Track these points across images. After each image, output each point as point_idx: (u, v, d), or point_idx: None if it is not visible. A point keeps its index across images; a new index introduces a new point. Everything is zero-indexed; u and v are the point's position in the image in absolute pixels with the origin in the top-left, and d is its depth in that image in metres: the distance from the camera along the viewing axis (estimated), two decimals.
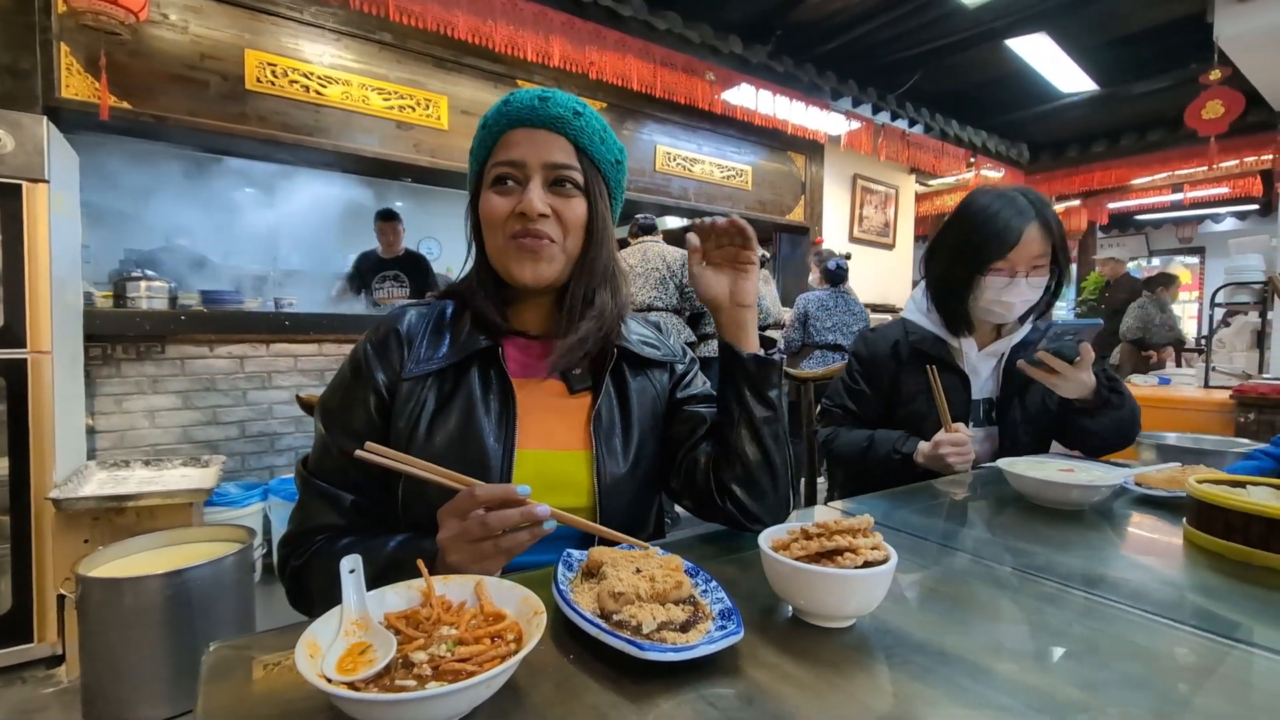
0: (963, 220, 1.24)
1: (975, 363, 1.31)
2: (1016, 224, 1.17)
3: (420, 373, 0.76)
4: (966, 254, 1.22)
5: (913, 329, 1.34)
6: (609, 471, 0.79)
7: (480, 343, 0.77)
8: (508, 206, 0.75)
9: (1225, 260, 3.81)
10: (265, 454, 2.92)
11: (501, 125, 0.76)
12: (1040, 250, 1.19)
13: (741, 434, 0.79)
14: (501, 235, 0.76)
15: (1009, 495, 1.07)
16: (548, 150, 0.75)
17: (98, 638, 1.56)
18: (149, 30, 2.57)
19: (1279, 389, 2.51)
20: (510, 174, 0.75)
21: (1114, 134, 5.89)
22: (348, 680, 0.42)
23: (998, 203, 1.20)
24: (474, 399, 0.76)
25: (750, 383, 0.79)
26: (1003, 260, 1.18)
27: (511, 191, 0.76)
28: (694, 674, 0.49)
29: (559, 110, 0.75)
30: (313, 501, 0.75)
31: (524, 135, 0.75)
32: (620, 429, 0.82)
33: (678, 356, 0.93)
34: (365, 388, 0.76)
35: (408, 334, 0.79)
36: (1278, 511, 0.75)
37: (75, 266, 2.16)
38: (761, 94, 4.16)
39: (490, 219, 0.76)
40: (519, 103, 0.76)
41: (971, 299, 1.24)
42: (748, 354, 0.79)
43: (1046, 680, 0.50)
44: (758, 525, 0.76)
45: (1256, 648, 0.56)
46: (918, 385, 1.30)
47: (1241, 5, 3.32)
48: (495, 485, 0.60)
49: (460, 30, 3.04)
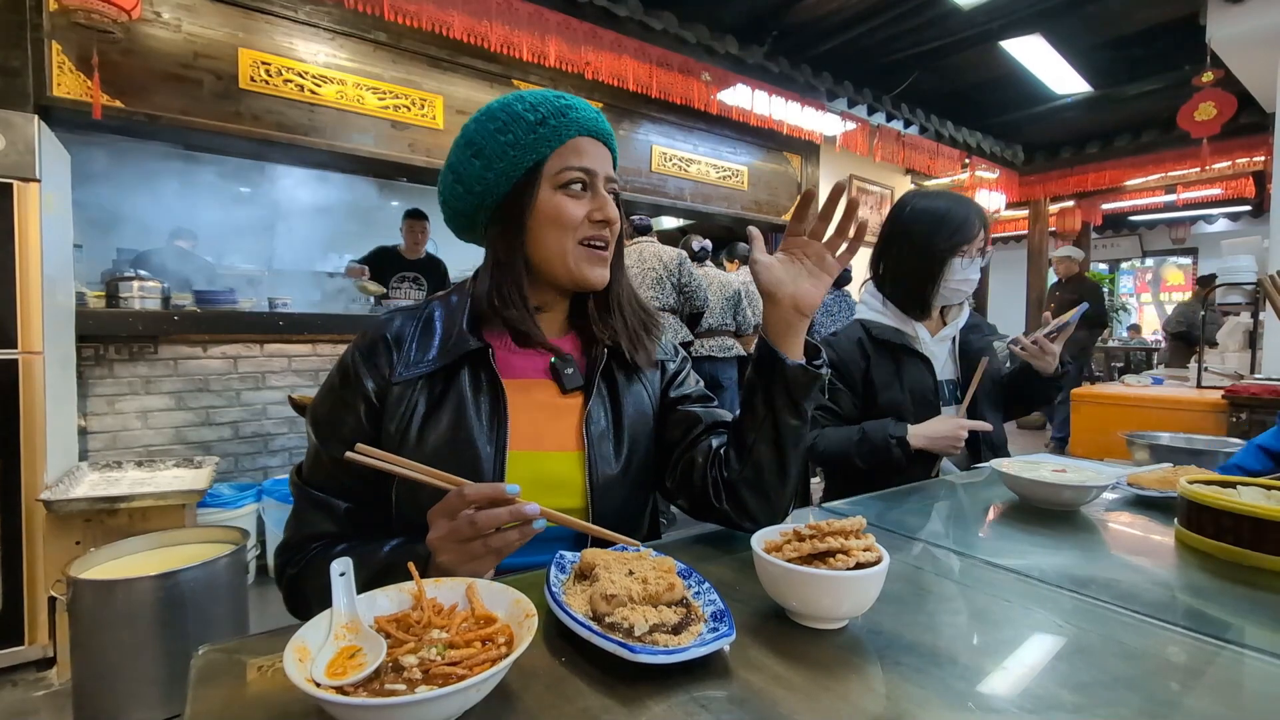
0: (923, 219, 1.40)
1: (932, 348, 1.44)
2: (970, 214, 1.36)
3: (410, 376, 0.76)
4: (936, 244, 1.36)
5: (872, 325, 1.45)
6: (601, 472, 0.79)
7: (470, 344, 0.77)
8: (583, 210, 0.77)
9: (1218, 261, 3.83)
10: (259, 455, 2.91)
11: (571, 130, 0.76)
12: (983, 234, 1.39)
13: (763, 438, 0.77)
14: (572, 239, 0.76)
15: (1001, 496, 1.08)
16: (606, 164, 0.80)
17: (89, 640, 1.55)
18: (142, 28, 2.56)
19: (1271, 389, 2.52)
20: (583, 180, 0.77)
21: (1108, 135, 5.92)
22: (337, 684, 0.41)
23: (945, 201, 1.40)
24: (465, 401, 0.76)
25: (787, 391, 0.75)
26: (968, 243, 1.36)
27: (581, 197, 0.77)
28: (686, 676, 0.49)
29: (609, 127, 0.81)
30: (307, 510, 0.75)
31: (590, 145, 0.78)
32: (612, 430, 0.82)
33: (668, 355, 0.93)
34: (354, 395, 0.75)
35: (395, 338, 0.78)
36: (1268, 512, 0.75)
37: (67, 266, 2.15)
38: (757, 94, 4.16)
39: (563, 221, 0.76)
40: (587, 112, 0.78)
41: (941, 283, 1.38)
42: (792, 361, 0.74)
43: (1037, 681, 0.50)
44: (751, 526, 0.75)
45: (1246, 648, 0.57)
46: (888, 374, 1.42)
47: (1233, 7, 3.34)
48: (484, 485, 0.60)
49: (455, 30, 3.03)
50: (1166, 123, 4.82)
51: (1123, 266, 10.90)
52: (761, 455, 0.77)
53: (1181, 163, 5.54)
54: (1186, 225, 9.44)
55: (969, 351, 1.47)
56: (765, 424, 0.76)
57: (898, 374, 1.40)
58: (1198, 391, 3.01)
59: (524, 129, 0.75)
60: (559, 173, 0.76)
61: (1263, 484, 0.86)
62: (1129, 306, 9.88)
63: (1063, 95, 4.91)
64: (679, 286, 3.20)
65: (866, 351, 1.43)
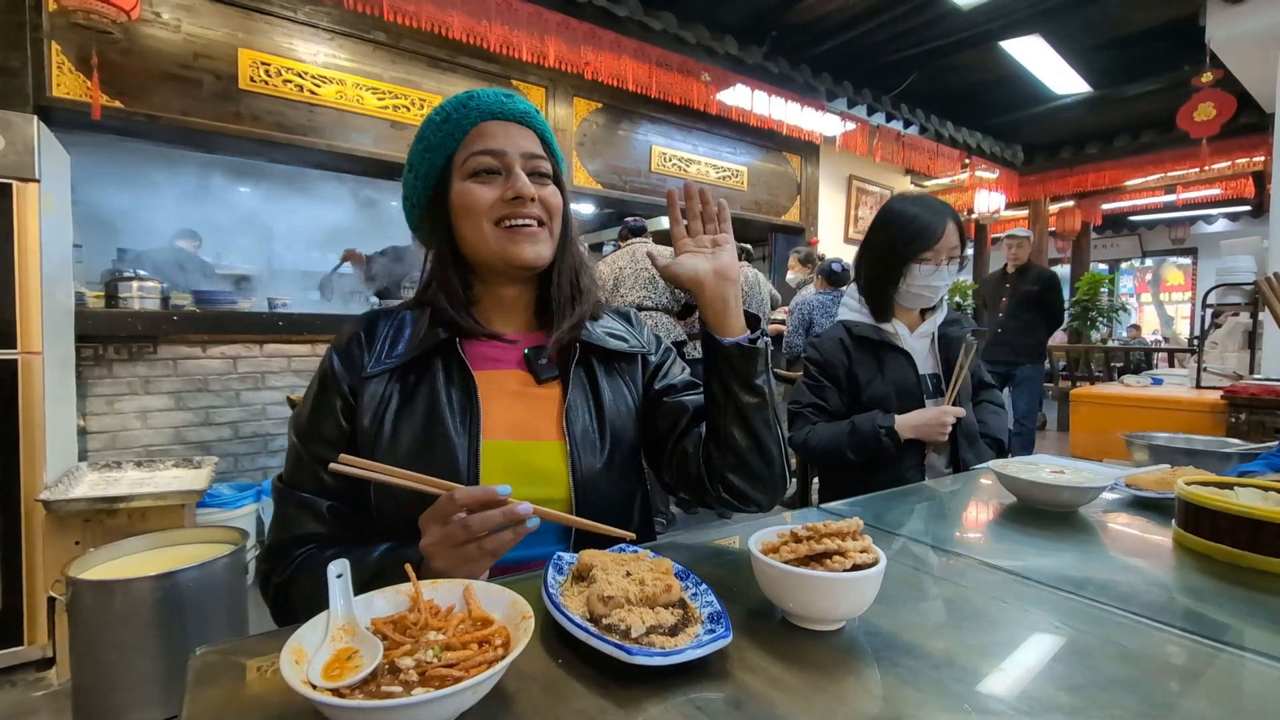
0: (890, 222, 1.44)
1: (912, 344, 1.48)
2: (938, 220, 1.40)
3: (379, 370, 0.77)
4: (899, 246, 1.41)
5: (853, 325, 1.50)
6: (586, 464, 0.79)
7: (439, 335, 0.78)
8: (493, 194, 0.76)
9: (1217, 261, 3.83)
10: (258, 455, 2.91)
11: (471, 118, 0.77)
12: (955, 242, 1.42)
13: (731, 422, 0.78)
14: (487, 223, 0.76)
15: (997, 497, 1.08)
16: (523, 141, 0.78)
17: (88, 640, 1.54)
18: (141, 29, 2.56)
19: (1270, 389, 2.52)
20: (490, 164, 0.76)
21: (1108, 136, 5.93)
22: (333, 686, 0.41)
23: (918, 205, 1.43)
24: (437, 393, 0.76)
25: (734, 373, 0.77)
26: (930, 250, 1.39)
27: (492, 181, 0.77)
28: (682, 678, 0.49)
29: (525, 105, 0.80)
30: (290, 511, 0.74)
31: (498, 127, 0.78)
32: (594, 422, 0.82)
33: (648, 348, 0.93)
34: (332, 394, 0.76)
35: (368, 335, 0.79)
36: (1265, 513, 0.75)
37: (66, 266, 2.15)
38: (757, 94, 4.17)
39: (474, 208, 0.76)
40: (487, 97, 0.78)
41: (903, 286, 1.43)
42: (729, 342, 0.76)
43: (1034, 683, 0.50)
44: (754, 508, 0.77)
45: (1244, 651, 0.57)
46: (871, 371, 1.47)
47: (1233, 8, 3.34)
48: (475, 488, 0.59)
49: (455, 30, 3.03)
50: (1166, 123, 4.82)
51: (1123, 266, 10.91)
52: (735, 439, 0.78)
53: (1181, 163, 5.55)
54: (1186, 225, 9.45)
55: (949, 344, 1.51)
56: (728, 407, 0.78)
57: (880, 369, 1.45)
58: (1197, 392, 3.00)
59: (433, 131, 0.79)
60: (464, 162, 0.77)
61: (1260, 485, 0.86)
62: (1129, 307, 9.88)
63: (1062, 95, 4.91)
64: (672, 286, 3.21)
65: (848, 349, 1.48)
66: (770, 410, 0.79)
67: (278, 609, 0.73)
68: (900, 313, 1.49)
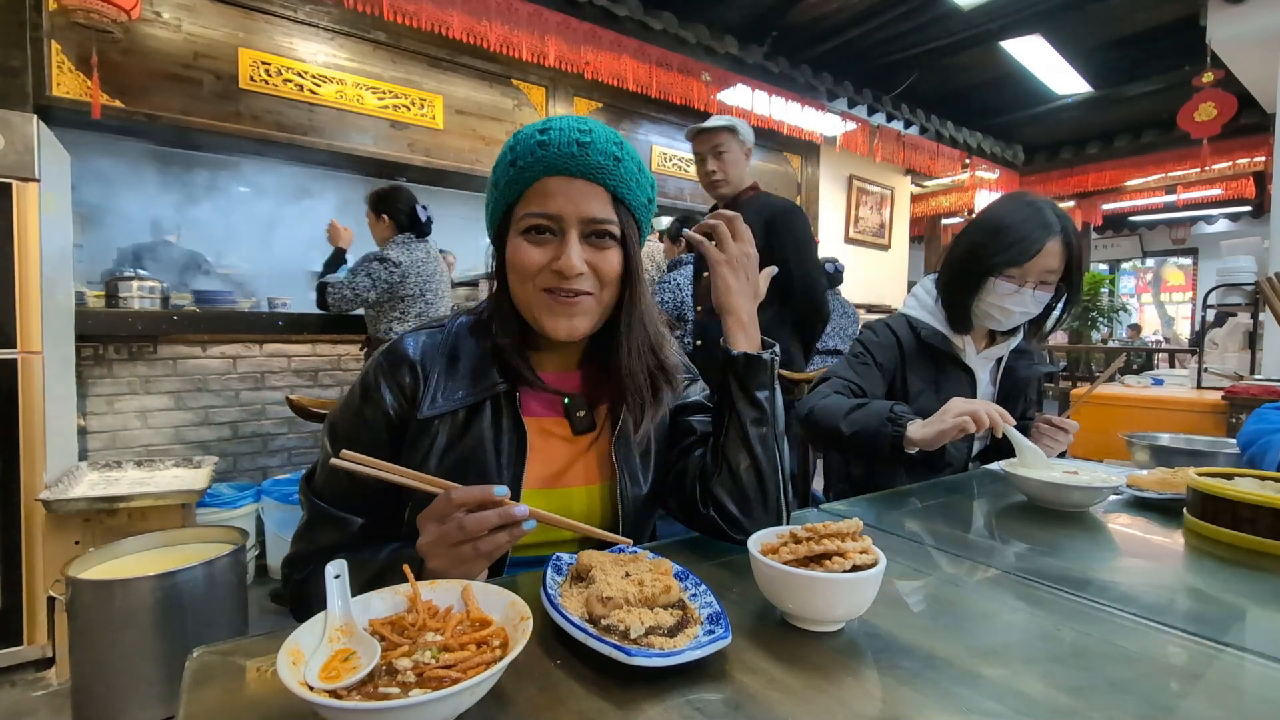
0: (989, 221, 1.24)
1: (976, 363, 1.33)
2: (1039, 235, 1.17)
3: (436, 413, 0.74)
4: (985, 254, 1.21)
5: (919, 324, 1.34)
6: (631, 495, 0.80)
7: (499, 387, 0.76)
8: (542, 259, 0.71)
9: (1218, 261, 3.83)
10: (258, 455, 2.91)
11: (536, 171, 0.70)
12: (1055, 266, 1.19)
13: (730, 438, 0.77)
14: (533, 287, 0.72)
15: (998, 497, 1.08)
16: (585, 204, 0.70)
17: (88, 640, 1.54)
18: (141, 28, 2.56)
19: (1271, 390, 2.52)
20: (545, 225, 0.71)
21: (1108, 136, 5.92)
22: (330, 688, 0.41)
23: (1025, 210, 1.20)
24: (484, 439, 0.75)
25: (738, 381, 0.77)
26: (1017, 268, 1.19)
27: (546, 243, 0.71)
28: (681, 679, 0.49)
29: (599, 159, 0.70)
30: (320, 525, 0.74)
31: (560, 185, 0.70)
32: (639, 457, 0.83)
33: (691, 376, 0.93)
34: (375, 411, 0.74)
35: (421, 364, 0.76)
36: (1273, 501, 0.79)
37: (66, 266, 2.15)
38: (757, 94, 4.16)
39: (522, 269, 0.71)
40: (557, 148, 0.69)
41: (976, 299, 1.25)
42: (737, 352, 0.78)
43: (1034, 685, 0.50)
44: (740, 535, 0.74)
45: (1245, 652, 0.57)
46: (924, 382, 1.31)
47: (1233, 7, 3.34)
48: (472, 488, 0.59)
49: (455, 30, 3.03)
50: (1166, 123, 4.82)
51: (1123, 267, 10.90)
52: (731, 457, 0.77)
53: (1181, 163, 5.54)
54: (1186, 226, 9.44)
55: (1014, 378, 1.36)
56: (729, 423, 0.78)
57: (936, 382, 1.31)
58: (1197, 392, 3.00)
59: (502, 170, 0.73)
60: (521, 218, 0.72)
61: (1257, 475, 0.89)
62: (1129, 307, 9.87)
63: (1063, 95, 4.91)
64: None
65: (905, 350, 1.33)
66: (770, 430, 0.78)
67: (298, 610, 0.74)
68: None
